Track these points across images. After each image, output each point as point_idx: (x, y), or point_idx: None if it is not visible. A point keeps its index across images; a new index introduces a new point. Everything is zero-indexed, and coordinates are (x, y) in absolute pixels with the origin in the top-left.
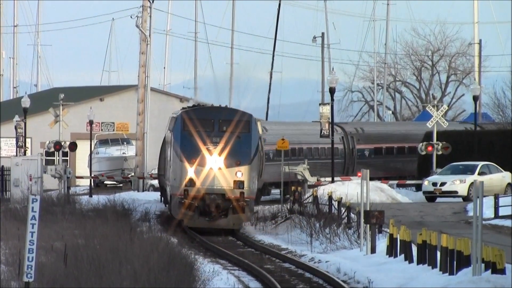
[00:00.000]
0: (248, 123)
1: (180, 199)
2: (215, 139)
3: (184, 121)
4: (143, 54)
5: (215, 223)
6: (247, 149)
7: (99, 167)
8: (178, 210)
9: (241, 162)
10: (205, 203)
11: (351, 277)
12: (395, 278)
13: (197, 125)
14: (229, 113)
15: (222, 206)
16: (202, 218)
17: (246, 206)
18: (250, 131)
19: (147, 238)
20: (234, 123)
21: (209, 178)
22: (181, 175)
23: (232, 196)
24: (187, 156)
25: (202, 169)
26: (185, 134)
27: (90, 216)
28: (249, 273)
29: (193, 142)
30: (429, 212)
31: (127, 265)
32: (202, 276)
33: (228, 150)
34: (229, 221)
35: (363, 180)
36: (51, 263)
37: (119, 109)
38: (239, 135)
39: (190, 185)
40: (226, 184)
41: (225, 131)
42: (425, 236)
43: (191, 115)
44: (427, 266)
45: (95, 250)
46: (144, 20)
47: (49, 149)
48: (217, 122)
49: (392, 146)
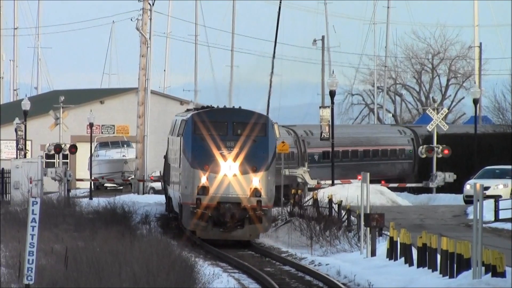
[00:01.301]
0: (264, 125)
1: (192, 209)
2: (229, 143)
3: (195, 124)
4: (143, 57)
5: (230, 235)
6: (264, 153)
7: (99, 170)
8: (189, 221)
9: (257, 168)
10: (219, 213)
11: (351, 280)
12: (395, 281)
13: (209, 128)
14: (243, 115)
15: (238, 216)
16: (216, 229)
17: (263, 216)
18: (266, 134)
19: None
20: (249, 126)
21: (223, 186)
22: (192, 182)
23: (248, 205)
24: (199, 162)
25: (216, 176)
26: (196, 138)
27: (90, 219)
28: (250, 276)
29: (205, 147)
30: (429, 215)
31: (126, 267)
32: (202, 279)
33: (244, 155)
34: (246, 232)
35: (363, 183)
36: (51, 265)
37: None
38: (255, 139)
39: (203, 193)
40: (241, 192)
41: (240, 134)
42: (425, 239)
43: (202, 117)
44: (427, 269)
45: (95, 252)
46: (144, 22)
47: (49, 152)
48: (231, 124)
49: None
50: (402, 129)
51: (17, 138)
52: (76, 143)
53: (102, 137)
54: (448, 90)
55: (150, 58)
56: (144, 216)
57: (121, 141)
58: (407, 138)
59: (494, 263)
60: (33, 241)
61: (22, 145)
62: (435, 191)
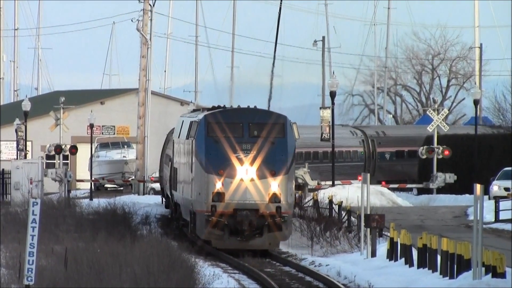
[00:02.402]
0: (283, 126)
1: (206, 217)
2: (246, 145)
3: (208, 125)
4: (143, 58)
5: (248, 244)
6: (283, 156)
7: (100, 171)
8: (204, 229)
9: (276, 172)
10: (236, 221)
11: (352, 280)
12: (395, 282)
13: (224, 129)
14: (260, 115)
15: (256, 224)
16: (232, 238)
17: (283, 223)
18: (285, 136)
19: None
20: (266, 127)
21: (240, 192)
22: (207, 188)
23: (266, 212)
24: (214, 166)
25: (232, 181)
26: (210, 141)
27: (91, 220)
28: (250, 277)
29: (220, 150)
30: (430, 216)
31: (127, 268)
32: (203, 279)
33: (261, 158)
34: (265, 241)
35: (363, 184)
36: (52, 266)
37: (120, 113)
38: (273, 141)
39: (218, 200)
40: (259, 198)
41: (257, 136)
42: (426, 240)
43: (216, 118)
44: (428, 270)
45: (95, 253)
46: (145, 23)
47: (50, 153)
48: (247, 126)
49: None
50: (353, 130)
51: (18, 138)
52: (77, 144)
53: (102, 138)
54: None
55: (151, 59)
56: (145, 216)
57: (121, 142)
58: (358, 140)
59: (494, 263)
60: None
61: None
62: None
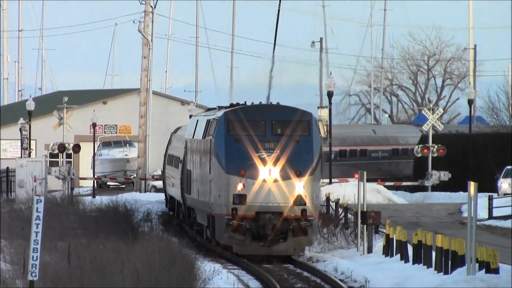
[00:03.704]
0: (308, 123)
1: (227, 220)
2: (268, 144)
3: (229, 123)
4: (145, 58)
5: (272, 249)
6: (308, 156)
7: (102, 169)
8: (224, 234)
9: (301, 173)
10: (258, 225)
11: (348, 276)
12: (391, 277)
13: (245, 128)
14: (284, 113)
15: (280, 228)
16: (255, 243)
17: (308, 227)
18: (310, 134)
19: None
20: (291, 125)
21: (263, 194)
22: (227, 190)
23: (291, 215)
24: (235, 166)
25: (254, 182)
26: (230, 140)
27: (93, 217)
28: (249, 272)
29: (241, 150)
30: (425, 213)
31: (129, 264)
32: (203, 275)
33: (285, 158)
34: (289, 246)
35: (360, 181)
36: (55, 262)
37: (122, 112)
38: (298, 139)
39: (239, 203)
40: (283, 200)
41: (280, 134)
42: (421, 237)
43: (237, 115)
44: (423, 266)
45: (98, 250)
46: (146, 25)
47: (53, 151)
48: (270, 123)
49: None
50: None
51: (22, 137)
52: (80, 143)
53: (105, 136)
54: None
55: (152, 59)
56: (146, 213)
57: (123, 140)
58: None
59: (488, 259)
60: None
61: (27, 145)
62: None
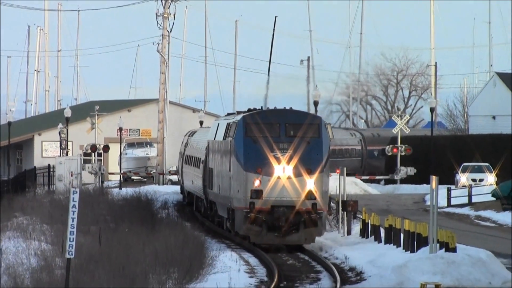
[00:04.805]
0: (318, 126)
1: (245, 213)
2: (282, 145)
3: (247, 126)
4: (162, 74)
5: (285, 239)
6: (318, 155)
7: (127, 165)
8: (242, 225)
9: (312, 170)
10: (274, 217)
11: (331, 254)
12: (366, 255)
13: (261, 130)
14: (296, 116)
15: (292, 220)
16: (270, 234)
17: (318, 219)
18: (320, 136)
19: (166, 222)
20: (302, 127)
21: (277, 189)
22: (245, 186)
23: (303, 209)
24: (252, 165)
25: (269, 179)
26: (248, 141)
27: (120, 205)
28: (248, 251)
29: (258, 149)
30: (394, 202)
31: (149, 244)
32: (211, 253)
33: (298, 157)
34: (301, 237)
35: (340, 175)
36: (88, 243)
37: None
38: (309, 141)
39: (256, 197)
40: (296, 195)
41: (293, 136)
42: (391, 221)
43: (254, 119)
44: (393, 246)
45: (124, 232)
46: (163, 46)
47: (87, 151)
48: (284, 126)
49: None
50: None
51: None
52: (108, 144)
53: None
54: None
55: (168, 74)
56: (164, 202)
57: (145, 142)
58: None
59: (447, 240)
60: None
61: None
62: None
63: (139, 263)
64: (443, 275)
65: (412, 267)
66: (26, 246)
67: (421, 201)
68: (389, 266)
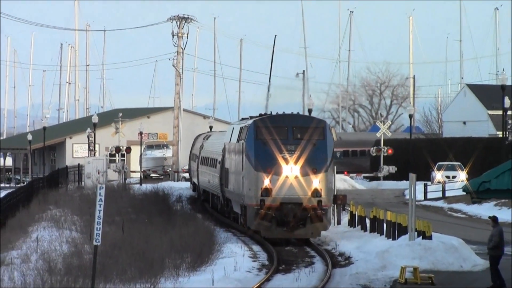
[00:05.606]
0: (323, 130)
1: (256, 210)
2: (290, 147)
3: (257, 129)
4: (177, 85)
5: (293, 233)
6: (323, 156)
7: (147, 164)
8: (254, 221)
9: (317, 170)
10: (282, 213)
11: (323, 241)
12: (354, 242)
13: (271, 133)
14: (302, 120)
15: (300, 216)
16: (279, 229)
17: (323, 215)
18: (325, 138)
19: (180, 214)
20: (308, 130)
21: (286, 187)
22: (256, 185)
23: (309, 205)
24: (262, 165)
25: (278, 178)
26: (258, 143)
27: (140, 199)
28: (252, 239)
29: (267, 151)
30: (378, 196)
31: (166, 233)
32: (219, 240)
33: (304, 158)
34: (308, 231)
35: None
36: (113, 231)
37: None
38: (315, 143)
39: (266, 195)
40: (302, 193)
41: (300, 138)
42: (375, 213)
43: (264, 123)
44: (377, 234)
45: (143, 223)
46: (178, 61)
47: (111, 152)
48: (291, 129)
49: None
50: None
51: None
52: (130, 146)
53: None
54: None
55: (182, 86)
56: (178, 197)
57: (162, 144)
58: None
59: (424, 229)
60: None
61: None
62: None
63: (157, 249)
64: (421, 260)
65: (393, 253)
66: (59, 235)
67: (401, 195)
68: (373, 252)
